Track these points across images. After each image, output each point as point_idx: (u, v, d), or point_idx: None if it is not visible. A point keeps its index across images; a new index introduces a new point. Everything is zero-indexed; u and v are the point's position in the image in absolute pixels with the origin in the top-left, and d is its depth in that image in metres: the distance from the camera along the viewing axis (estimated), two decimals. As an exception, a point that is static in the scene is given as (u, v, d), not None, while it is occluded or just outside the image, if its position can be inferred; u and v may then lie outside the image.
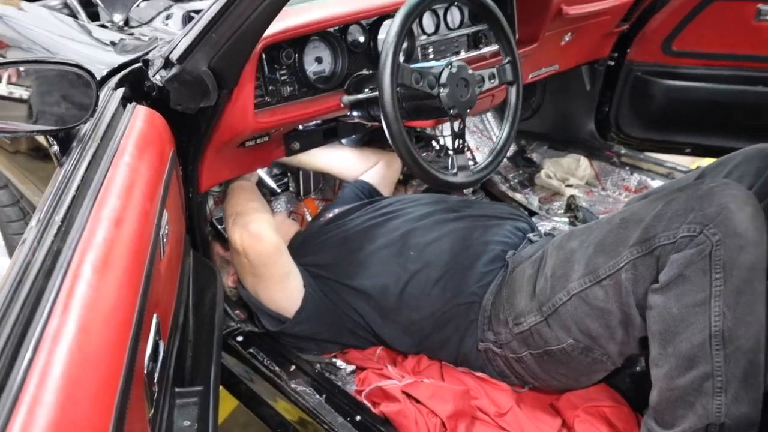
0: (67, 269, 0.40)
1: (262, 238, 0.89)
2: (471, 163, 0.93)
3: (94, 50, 0.96)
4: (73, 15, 1.15)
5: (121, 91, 0.73)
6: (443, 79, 0.79)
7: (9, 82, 0.70)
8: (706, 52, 1.45)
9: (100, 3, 0.97)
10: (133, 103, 0.72)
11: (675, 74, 1.50)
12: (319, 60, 0.92)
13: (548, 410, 0.90)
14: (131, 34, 0.99)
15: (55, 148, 0.74)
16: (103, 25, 1.08)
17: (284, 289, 0.92)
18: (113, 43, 0.93)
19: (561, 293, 0.81)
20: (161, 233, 0.57)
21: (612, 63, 1.56)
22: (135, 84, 0.77)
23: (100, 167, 0.55)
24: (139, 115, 0.69)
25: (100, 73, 0.74)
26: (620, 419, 0.85)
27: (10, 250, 1.49)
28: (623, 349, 0.81)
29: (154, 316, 0.49)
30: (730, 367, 0.71)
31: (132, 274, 0.46)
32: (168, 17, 0.97)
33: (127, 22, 1.04)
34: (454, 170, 0.85)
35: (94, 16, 1.14)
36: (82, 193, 0.51)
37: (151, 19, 0.98)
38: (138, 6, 1.01)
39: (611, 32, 1.48)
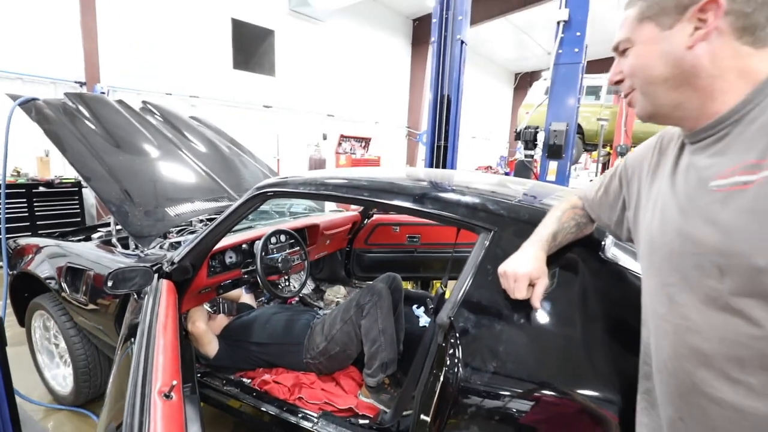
0: (157, 327, 1.05)
1: (199, 328, 1.69)
2: (292, 289, 2.02)
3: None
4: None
5: (156, 275, 1.46)
6: (280, 260, 1.89)
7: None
8: (380, 243, 2.77)
9: (134, 242, 1.79)
10: (162, 279, 1.39)
11: (370, 251, 2.79)
12: (230, 257, 1.86)
13: (329, 378, 1.71)
14: (147, 255, 1.75)
15: (136, 296, 1.51)
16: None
17: (209, 347, 1.70)
18: (138, 257, 1.73)
19: (333, 330, 1.63)
20: (179, 322, 1.34)
21: (348, 249, 2.79)
22: (160, 271, 1.45)
23: (157, 299, 1.20)
24: (164, 283, 1.35)
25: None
26: (356, 375, 1.72)
27: (74, 360, 1.85)
28: (357, 348, 1.62)
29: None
30: (386, 341, 1.55)
31: (173, 333, 1.07)
32: (161, 246, 1.82)
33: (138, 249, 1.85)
34: (285, 292, 1.94)
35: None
36: (154, 308, 1.15)
37: (154, 246, 1.79)
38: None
39: (345, 238, 2.75)
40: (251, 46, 6.98)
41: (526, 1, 7.45)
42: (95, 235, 2.37)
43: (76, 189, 4.48)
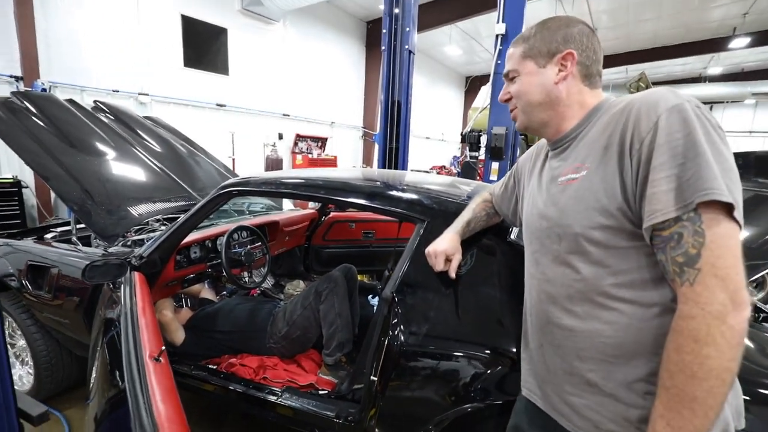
0: (138, 309, 1.25)
1: (166, 317, 1.81)
2: (255, 281, 2.18)
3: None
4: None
5: (128, 267, 1.59)
6: (243, 253, 2.05)
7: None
8: (337, 239, 2.98)
9: (98, 240, 1.86)
10: (133, 271, 1.54)
11: (327, 247, 3.00)
12: (195, 252, 1.99)
13: (291, 361, 1.83)
14: (110, 252, 1.83)
15: (111, 285, 1.59)
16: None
17: (176, 335, 1.81)
18: (104, 254, 1.81)
19: (294, 315, 1.75)
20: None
21: (306, 245, 2.97)
22: (130, 265, 1.57)
23: (132, 289, 1.39)
24: (135, 274, 1.50)
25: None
26: (316, 357, 1.86)
27: (35, 356, 1.88)
28: (316, 332, 1.76)
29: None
30: (342, 323, 1.72)
31: (152, 314, 1.28)
32: (125, 244, 1.90)
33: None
34: (248, 284, 2.09)
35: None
36: (132, 297, 1.33)
37: (117, 244, 1.88)
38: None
39: (304, 234, 2.94)
40: (203, 44, 6.87)
41: (471, 10, 7.93)
42: (48, 236, 2.37)
43: (16, 189, 4.25)
